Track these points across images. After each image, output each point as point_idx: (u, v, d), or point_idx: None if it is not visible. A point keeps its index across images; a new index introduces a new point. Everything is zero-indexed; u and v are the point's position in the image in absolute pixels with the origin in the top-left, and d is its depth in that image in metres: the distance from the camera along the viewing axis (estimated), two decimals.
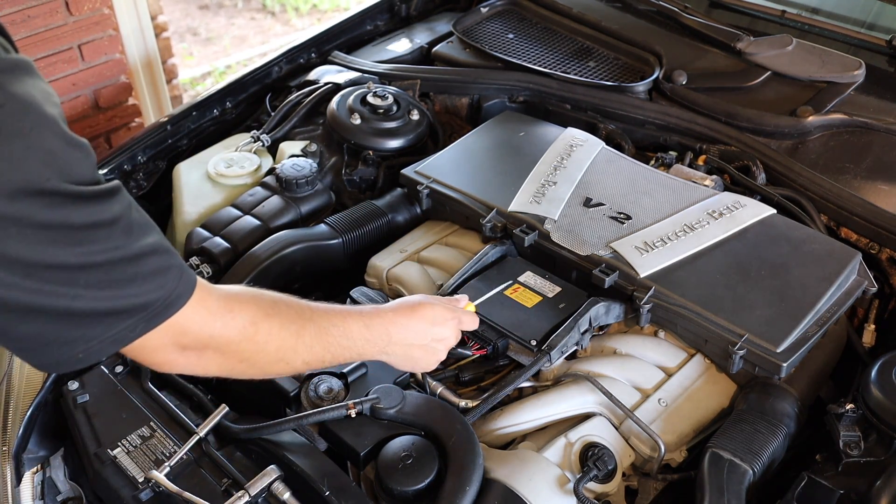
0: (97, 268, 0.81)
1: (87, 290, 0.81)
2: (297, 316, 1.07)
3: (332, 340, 1.10)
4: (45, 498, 1.24)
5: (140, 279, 0.86)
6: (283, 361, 1.07)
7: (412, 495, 1.12)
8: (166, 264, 0.89)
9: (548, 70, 2.00)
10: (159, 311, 0.89)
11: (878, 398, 1.19)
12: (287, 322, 1.05)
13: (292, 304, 1.08)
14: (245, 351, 1.01)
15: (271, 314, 1.03)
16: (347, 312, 1.14)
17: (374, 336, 1.15)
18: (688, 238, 1.45)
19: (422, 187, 1.66)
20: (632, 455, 1.25)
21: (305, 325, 1.07)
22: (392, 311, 1.18)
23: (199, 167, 1.86)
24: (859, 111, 1.80)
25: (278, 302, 1.06)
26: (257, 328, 1.01)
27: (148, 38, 3.02)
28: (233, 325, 0.99)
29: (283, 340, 1.04)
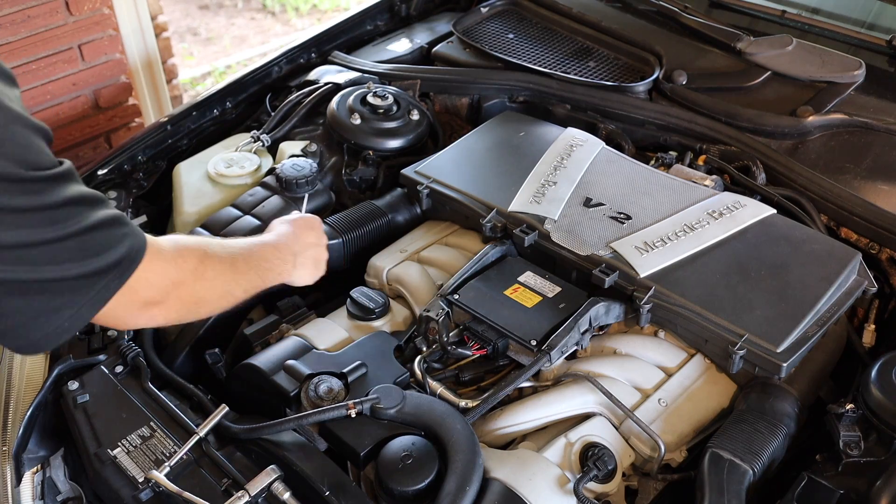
0: (71, 238, 0.91)
1: (66, 261, 0.91)
2: (226, 252, 1.20)
3: (258, 265, 1.24)
4: (45, 498, 1.24)
5: (110, 241, 0.96)
6: (229, 294, 1.19)
7: (412, 495, 1.12)
8: (126, 226, 0.99)
9: (548, 70, 2.00)
10: (127, 265, 0.98)
11: (878, 398, 1.19)
12: (223, 257, 1.18)
13: (214, 242, 1.22)
14: (199, 290, 1.13)
15: (209, 254, 1.15)
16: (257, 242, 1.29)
17: (283, 252, 1.31)
18: (688, 238, 1.45)
19: (422, 187, 1.66)
20: (632, 455, 1.25)
21: (236, 258, 1.21)
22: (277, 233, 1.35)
23: (199, 167, 1.86)
24: (859, 111, 1.80)
25: (208, 241, 1.20)
26: (205, 266, 1.13)
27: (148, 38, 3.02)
28: (185, 268, 1.10)
29: (224, 274, 1.17)
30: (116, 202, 1.75)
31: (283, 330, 1.46)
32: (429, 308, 1.37)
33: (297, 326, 1.46)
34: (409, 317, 1.48)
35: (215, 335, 1.52)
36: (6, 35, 2.40)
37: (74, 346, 1.41)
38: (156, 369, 1.38)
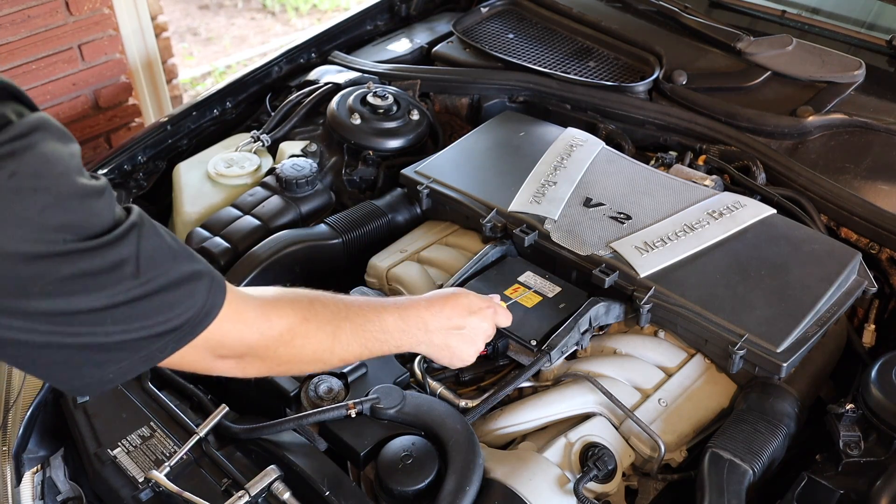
0: (123, 305, 0.82)
1: (114, 326, 0.83)
2: (333, 316, 1.09)
3: (369, 336, 1.12)
4: (45, 498, 1.24)
5: (167, 307, 0.86)
6: (320, 361, 1.10)
7: (412, 495, 1.12)
8: (192, 286, 0.89)
9: (548, 70, 2.00)
10: (188, 330, 0.89)
11: (878, 398, 1.19)
12: (323, 324, 1.07)
13: (328, 303, 1.10)
14: (283, 355, 1.04)
15: (308, 318, 1.05)
16: (383, 306, 1.16)
17: (410, 326, 1.17)
18: (688, 238, 1.45)
19: (422, 187, 1.66)
20: (632, 455, 1.25)
21: (341, 325, 1.09)
22: (426, 300, 1.20)
23: (199, 167, 1.86)
24: (859, 111, 1.80)
25: (315, 303, 1.08)
26: (294, 333, 1.03)
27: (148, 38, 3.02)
28: (270, 334, 1.01)
29: (320, 342, 1.07)
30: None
31: None
32: None
33: None
34: None
35: None
36: (6, 35, 2.40)
37: None
38: (156, 369, 1.38)
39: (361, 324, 1.11)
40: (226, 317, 0.93)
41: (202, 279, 0.90)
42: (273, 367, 1.07)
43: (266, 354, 1.02)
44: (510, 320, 1.30)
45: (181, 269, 0.88)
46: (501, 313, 1.29)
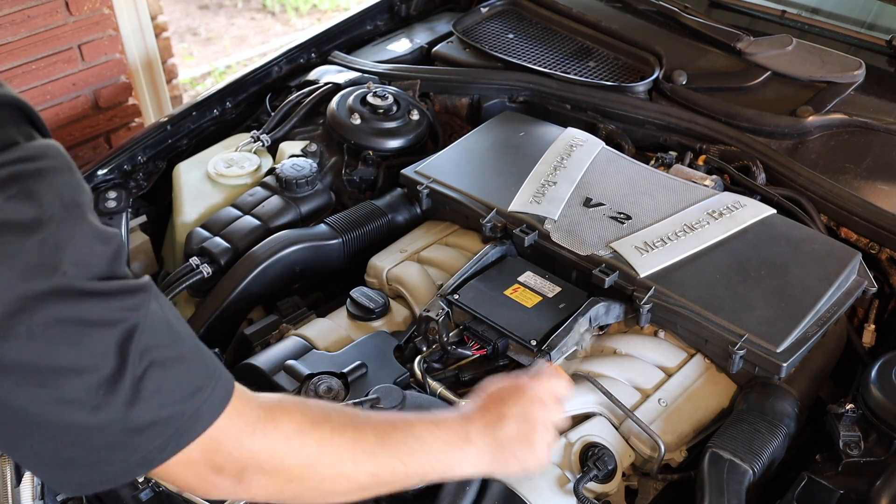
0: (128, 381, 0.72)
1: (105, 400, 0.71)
2: (350, 421, 0.93)
3: (400, 445, 0.93)
4: (45, 498, 1.23)
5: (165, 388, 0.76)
6: (342, 476, 0.90)
7: (412, 495, 1.12)
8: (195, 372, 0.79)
9: (548, 70, 2.00)
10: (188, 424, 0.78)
11: (878, 398, 1.20)
12: (339, 428, 0.90)
13: (343, 410, 0.98)
14: (293, 467, 0.87)
15: (320, 421, 0.89)
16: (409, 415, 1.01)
17: (448, 430, 0.99)
18: (688, 238, 1.45)
19: (422, 187, 1.66)
20: (632, 455, 1.25)
21: (362, 430, 0.92)
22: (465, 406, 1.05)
23: (199, 167, 1.86)
24: (859, 111, 1.79)
25: (327, 408, 0.94)
26: (304, 439, 0.87)
27: (148, 38, 3.02)
28: (275, 437, 0.85)
29: (338, 449, 0.89)
30: (116, 202, 1.75)
31: (283, 330, 1.46)
32: (429, 308, 1.37)
33: (297, 326, 1.46)
34: (409, 317, 1.48)
35: (215, 335, 1.52)
36: (6, 35, 2.40)
37: None
38: None
39: (387, 430, 0.94)
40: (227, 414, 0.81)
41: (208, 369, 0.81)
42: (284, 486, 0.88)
43: (270, 465, 0.85)
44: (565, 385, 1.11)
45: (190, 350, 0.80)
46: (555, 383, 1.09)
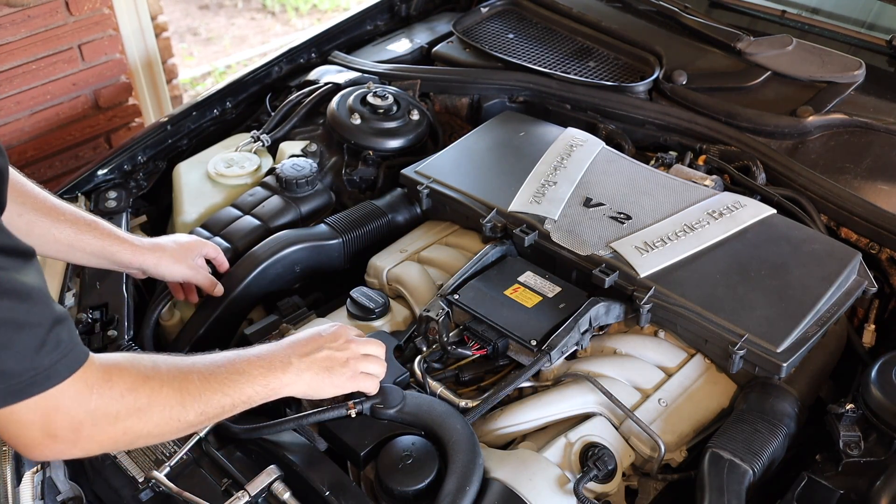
0: None
1: None
2: (178, 371, 1.04)
3: (224, 381, 1.06)
4: (45, 498, 1.23)
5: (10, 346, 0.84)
6: (172, 420, 1.02)
7: (412, 495, 1.12)
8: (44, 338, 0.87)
9: (548, 70, 2.00)
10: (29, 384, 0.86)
11: (878, 398, 1.19)
12: (168, 379, 1.02)
13: (173, 360, 1.06)
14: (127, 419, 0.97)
15: (151, 376, 1.00)
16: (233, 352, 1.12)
17: (270, 359, 1.13)
18: (688, 238, 1.45)
19: (422, 187, 1.66)
20: (632, 455, 1.25)
21: (188, 376, 1.04)
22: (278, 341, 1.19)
23: (199, 167, 1.86)
24: (859, 111, 1.80)
25: (157, 361, 1.04)
26: (136, 394, 0.97)
27: (148, 38, 3.02)
28: (110, 396, 0.95)
29: (167, 398, 1.01)
30: (116, 202, 1.75)
31: (283, 330, 1.46)
32: (429, 308, 1.37)
33: (297, 326, 1.46)
34: (409, 317, 1.49)
35: (215, 335, 1.52)
36: (6, 35, 2.40)
37: None
38: None
39: (212, 371, 1.06)
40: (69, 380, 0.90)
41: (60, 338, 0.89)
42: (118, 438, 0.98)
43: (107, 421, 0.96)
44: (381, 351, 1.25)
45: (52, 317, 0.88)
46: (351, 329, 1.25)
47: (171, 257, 1.45)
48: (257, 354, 1.13)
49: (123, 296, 1.50)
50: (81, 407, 0.93)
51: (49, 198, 1.33)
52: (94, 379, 0.94)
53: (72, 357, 0.91)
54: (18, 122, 2.51)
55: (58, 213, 1.32)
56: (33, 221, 1.28)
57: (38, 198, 1.30)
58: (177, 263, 1.46)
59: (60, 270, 1.58)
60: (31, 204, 1.29)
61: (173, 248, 1.46)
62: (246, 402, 1.09)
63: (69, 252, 1.35)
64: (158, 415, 1.00)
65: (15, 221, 1.25)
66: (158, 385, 1.00)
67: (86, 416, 0.94)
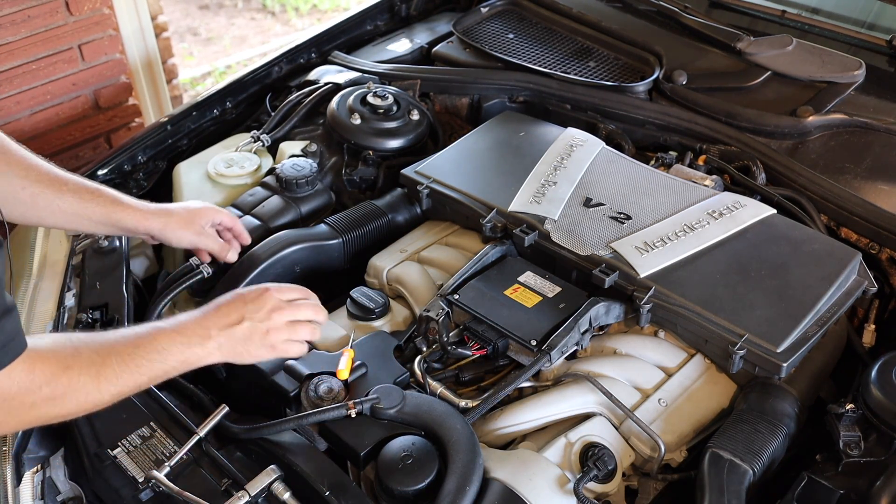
0: None
1: None
2: (97, 356, 1.07)
3: (141, 361, 1.10)
4: (45, 498, 1.23)
5: None
6: (88, 402, 1.07)
7: (412, 495, 1.12)
8: None
9: (548, 70, 2.00)
10: None
11: (878, 398, 1.19)
12: (86, 367, 1.05)
13: (93, 343, 1.09)
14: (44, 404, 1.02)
15: (70, 365, 1.04)
16: (156, 328, 1.15)
17: (190, 334, 1.16)
18: (688, 238, 1.45)
19: (422, 187, 1.66)
20: (632, 455, 1.25)
21: (106, 361, 1.08)
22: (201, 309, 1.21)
23: (199, 167, 1.86)
24: (859, 111, 1.80)
25: (79, 347, 1.07)
26: (55, 384, 1.02)
27: (148, 38, 3.02)
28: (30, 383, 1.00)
29: (84, 386, 1.05)
30: None
31: None
32: (429, 308, 1.37)
33: None
34: (409, 317, 1.49)
35: None
36: (6, 35, 2.40)
37: None
38: None
39: (129, 353, 1.10)
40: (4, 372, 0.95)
41: None
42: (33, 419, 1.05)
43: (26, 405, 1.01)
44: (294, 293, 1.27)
45: None
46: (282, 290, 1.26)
47: (177, 222, 1.46)
48: (177, 329, 1.15)
49: (123, 296, 1.50)
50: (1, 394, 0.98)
51: (52, 169, 1.36)
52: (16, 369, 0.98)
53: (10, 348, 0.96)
54: (18, 122, 2.51)
55: (61, 183, 1.35)
56: (37, 194, 1.32)
57: (41, 170, 1.33)
58: (183, 229, 1.46)
59: (60, 271, 1.58)
60: (35, 176, 1.33)
61: (181, 213, 1.47)
62: (162, 376, 1.14)
63: (76, 221, 1.38)
64: (73, 401, 1.05)
65: (19, 194, 1.30)
66: (77, 374, 1.04)
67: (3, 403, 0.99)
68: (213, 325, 1.18)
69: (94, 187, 1.40)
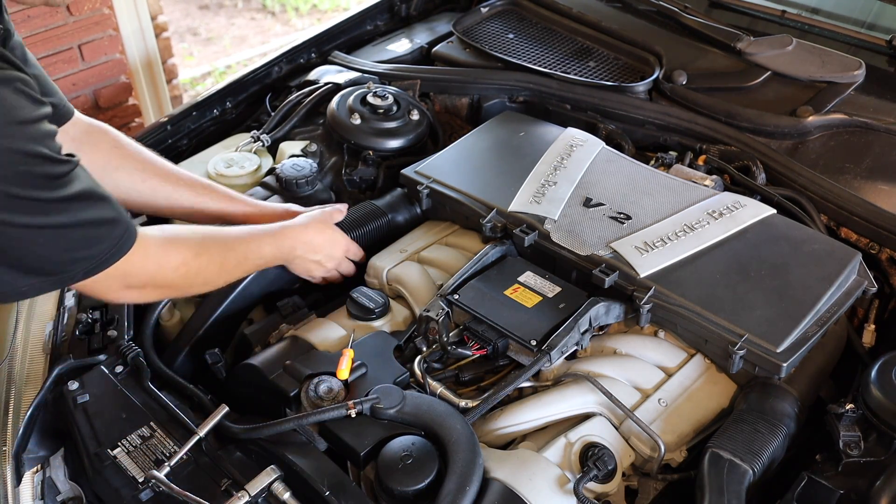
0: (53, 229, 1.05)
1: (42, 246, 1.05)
2: (221, 249, 1.34)
3: (250, 264, 1.41)
4: (45, 498, 1.23)
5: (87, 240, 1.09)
6: (208, 285, 1.35)
7: (412, 495, 1.12)
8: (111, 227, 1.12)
9: (548, 70, 2.00)
10: (100, 263, 1.12)
11: (878, 398, 1.19)
12: (214, 256, 1.32)
13: (217, 238, 1.36)
14: (178, 284, 1.29)
15: (200, 252, 1.29)
16: (262, 236, 1.42)
17: (283, 251, 1.46)
18: (688, 238, 1.45)
19: (422, 187, 1.66)
20: (632, 455, 1.25)
21: (227, 256, 1.35)
22: (302, 227, 1.49)
23: (199, 167, 1.86)
24: (859, 111, 1.80)
25: (206, 239, 1.33)
26: (188, 267, 1.27)
27: (148, 38, 3.02)
28: (168, 267, 1.24)
29: (209, 272, 1.32)
30: None
31: (282, 330, 1.46)
32: (429, 308, 1.37)
33: (297, 326, 1.46)
34: (409, 317, 1.49)
35: (215, 335, 1.52)
36: None
37: (75, 346, 1.41)
38: (156, 369, 1.38)
39: (244, 254, 1.38)
40: (135, 254, 1.15)
41: (119, 224, 1.13)
42: (169, 293, 1.36)
43: (164, 283, 1.26)
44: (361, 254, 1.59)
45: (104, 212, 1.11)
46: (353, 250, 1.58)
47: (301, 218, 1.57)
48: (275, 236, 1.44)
49: None
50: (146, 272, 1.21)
51: (165, 163, 1.53)
52: (153, 251, 1.21)
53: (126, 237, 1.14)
54: None
55: (176, 177, 1.53)
56: (156, 186, 1.49)
57: (156, 164, 1.51)
58: None
59: None
60: (152, 170, 1.50)
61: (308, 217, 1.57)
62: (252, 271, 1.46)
63: (192, 214, 1.54)
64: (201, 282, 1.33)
65: (139, 186, 1.48)
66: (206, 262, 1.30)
67: (148, 279, 1.23)
68: (299, 245, 1.47)
69: (206, 183, 1.56)
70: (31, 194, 1.01)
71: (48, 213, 1.04)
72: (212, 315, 1.51)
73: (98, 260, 1.11)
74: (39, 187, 1.02)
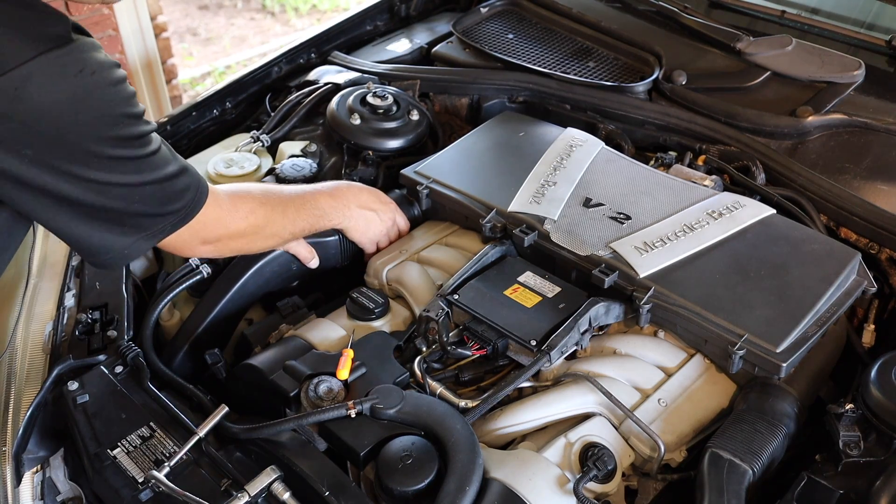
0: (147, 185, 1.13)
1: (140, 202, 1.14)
2: (281, 201, 1.43)
3: (308, 214, 1.47)
4: (45, 498, 1.24)
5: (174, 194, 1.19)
6: (276, 236, 1.43)
7: (412, 495, 1.12)
8: (191, 180, 1.21)
9: (548, 70, 2.00)
10: (185, 214, 1.21)
11: (878, 398, 1.19)
12: (276, 206, 1.41)
13: (276, 190, 1.47)
14: (249, 234, 1.37)
15: (265, 202, 1.39)
16: (316, 191, 1.52)
17: (340, 203, 1.53)
18: (688, 238, 1.45)
19: (422, 187, 1.66)
20: (632, 455, 1.25)
21: (288, 206, 1.43)
22: (349, 185, 1.59)
23: (198, 167, 1.84)
24: (859, 111, 1.80)
25: (267, 191, 1.44)
26: (256, 215, 1.36)
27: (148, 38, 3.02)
28: (238, 216, 1.33)
29: (276, 221, 1.41)
30: None
31: (282, 330, 1.46)
32: (429, 308, 1.37)
33: (296, 326, 1.46)
34: (409, 317, 1.49)
35: (214, 335, 1.52)
36: None
37: (74, 346, 1.41)
38: (155, 369, 1.38)
39: (302, 204, 1.46)
40: (208, 204, 1.24)
41: (194, 176, 1.22)
42: (243, 245, 1.39)
43: (237, 233, 1.34)
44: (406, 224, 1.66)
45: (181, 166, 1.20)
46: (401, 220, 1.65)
47: None
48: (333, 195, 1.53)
49: (123, 296, 1.50)
50: (219, 225, 1.30)
51: None
52: (224, 206, 1.30)
53: (202, 189, 1.24)
54: None
55: None
56: None
57: None
58: None
59: (60, 271, 1.58)
60: None
61: None
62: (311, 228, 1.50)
63: None
64: (269, 233, 1.41)
65: None
66: (271, 211, 1.40)
67: (223, 232, 1.32)
68: (352, 198, 1.55)
69: None
70: (129, 153, 1.09)
71: (142, 171, 1.12)
72: (210, 314, 1.51)
73: (184, 212, 1.20)
74: (134, 146, 1.10)
